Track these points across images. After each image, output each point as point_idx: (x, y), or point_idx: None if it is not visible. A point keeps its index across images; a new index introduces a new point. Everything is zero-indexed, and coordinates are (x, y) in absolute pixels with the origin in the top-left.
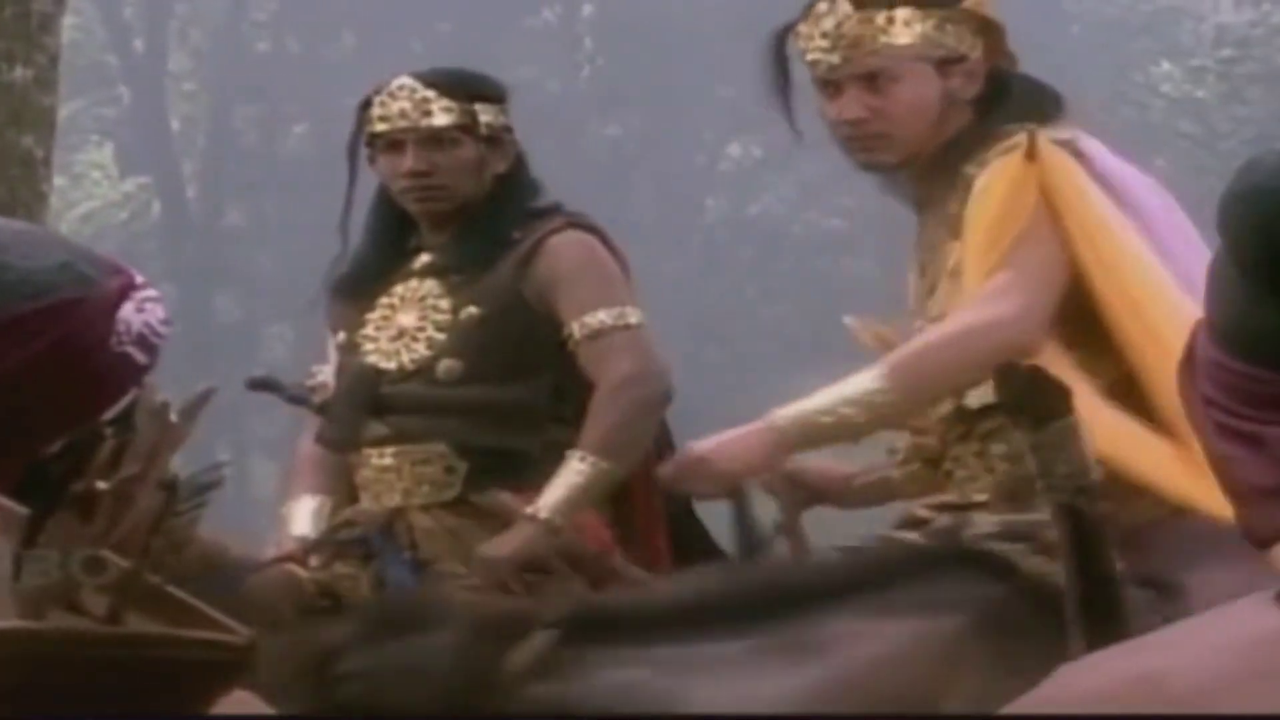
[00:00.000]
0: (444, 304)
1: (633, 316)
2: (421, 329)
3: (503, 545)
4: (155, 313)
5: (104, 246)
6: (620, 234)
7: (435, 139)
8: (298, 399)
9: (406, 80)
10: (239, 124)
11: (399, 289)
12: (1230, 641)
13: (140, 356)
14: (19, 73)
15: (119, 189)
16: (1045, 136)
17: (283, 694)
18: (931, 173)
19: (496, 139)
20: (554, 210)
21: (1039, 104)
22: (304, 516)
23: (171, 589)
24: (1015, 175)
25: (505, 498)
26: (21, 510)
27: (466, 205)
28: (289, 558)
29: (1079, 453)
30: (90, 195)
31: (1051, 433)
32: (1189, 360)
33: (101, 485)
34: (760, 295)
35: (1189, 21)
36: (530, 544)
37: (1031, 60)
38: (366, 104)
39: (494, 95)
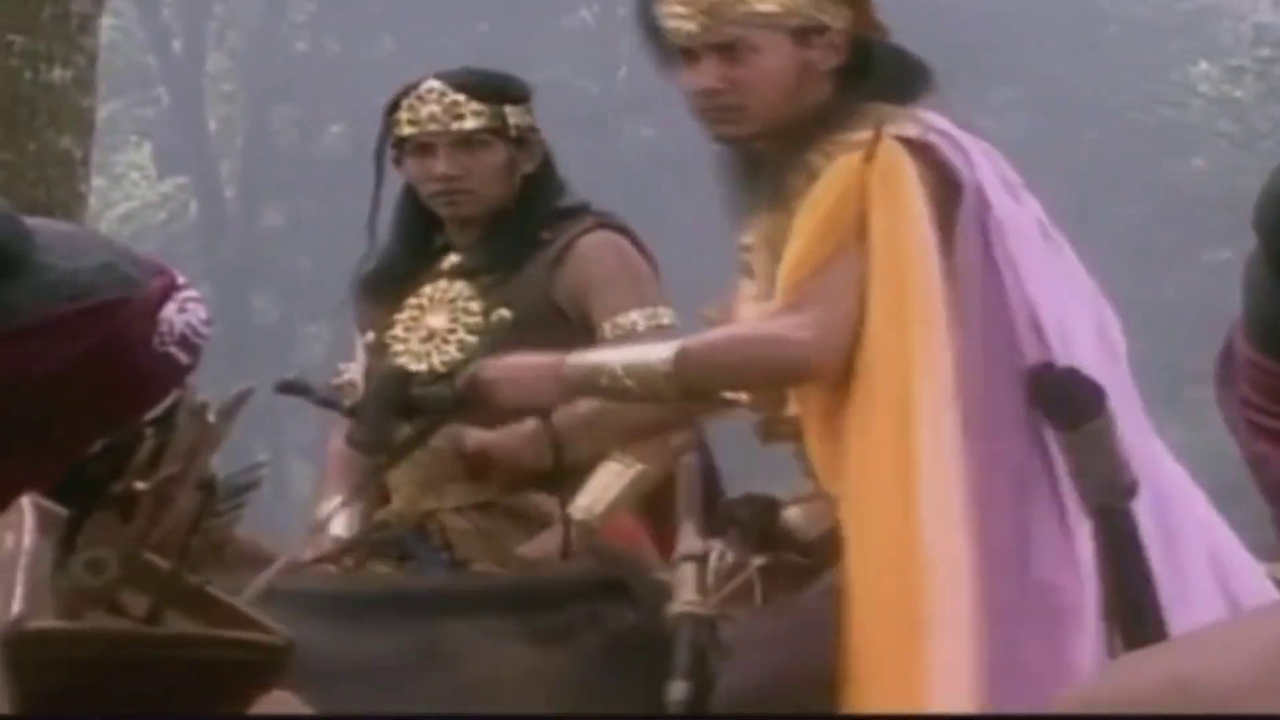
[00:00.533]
0: (475, 306)
1: (665, 317)
2: (452, 331)
3: (540, 547)
4: (197, 313)
5: (142, 247)
6: (655, 235)
7: (466, 142)
8: (327, 402)
9: (435, 83)
10: (276, 124)
11: (427, 290)
12: (1262, 645)
13: (182, 357)
14: (58, 73)
15: (157, 189)
16: (890, 133)
17: None
18: (786, 148)
19: (524, 140)
20: (582, 210)
21: (903, 79)
22: (336, 517)
23: (212, 589)
24: (850, 179)
25: (540, 499)
26: (61, 511)
27: (496, 207)
28: (325, 559)
29: (1113, 454)
30: (129, 196)
31: (1086, 434)
32: (1227, 359)
33: (141, 485)
34: None
35: (1227, 21)
36: (567, 546)
37: (1068, 60)
38: (394, 106)
39: (520, 95)
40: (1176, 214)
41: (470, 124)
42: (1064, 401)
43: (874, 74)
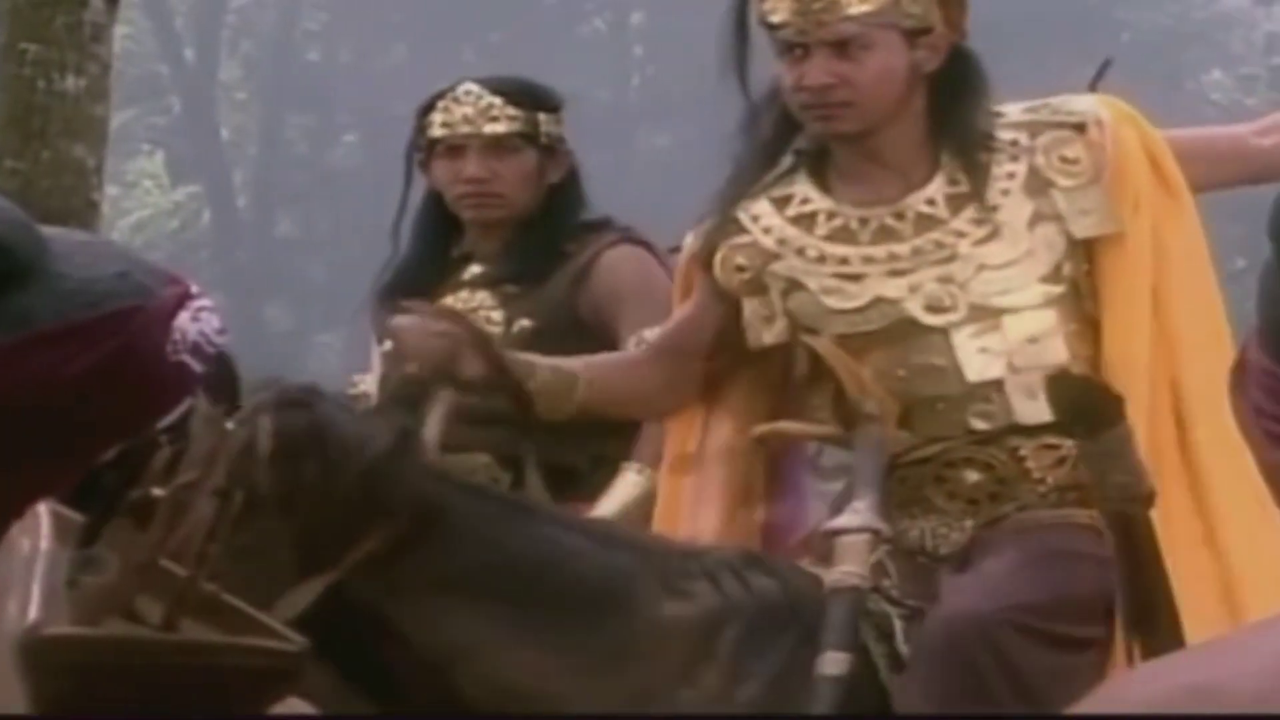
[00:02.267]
0: (496, 316)
1: None
2: None
3: None
4: (210, 322)
5: (155, 255)
6: (669, 243)
7: (497, 145)
8: None
9: (471, 86)
10: (290, 133)
11: (449, 299)
12: None
13: (195, 365)
14: (71, 82)
15: (170, 198)
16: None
17: None
18: (924, 152)
19: (554, 149)
20: (606, 224)
21: (988, 84)
22: None
23: (227, 596)
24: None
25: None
26: (77, 517)
27: (521, 215)
28: None
29: (1133, 461)
30: (142, 204)
31: (1105, 442)
32: (1241, 368)
33: (157, 492)
34: None
35: (1240, 29)
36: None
37: (1082, 68)
38: (427, 108)
39: (553, 105)
40: None
41: (503, 127)
42: (1083, 408)
43: (973, 78)
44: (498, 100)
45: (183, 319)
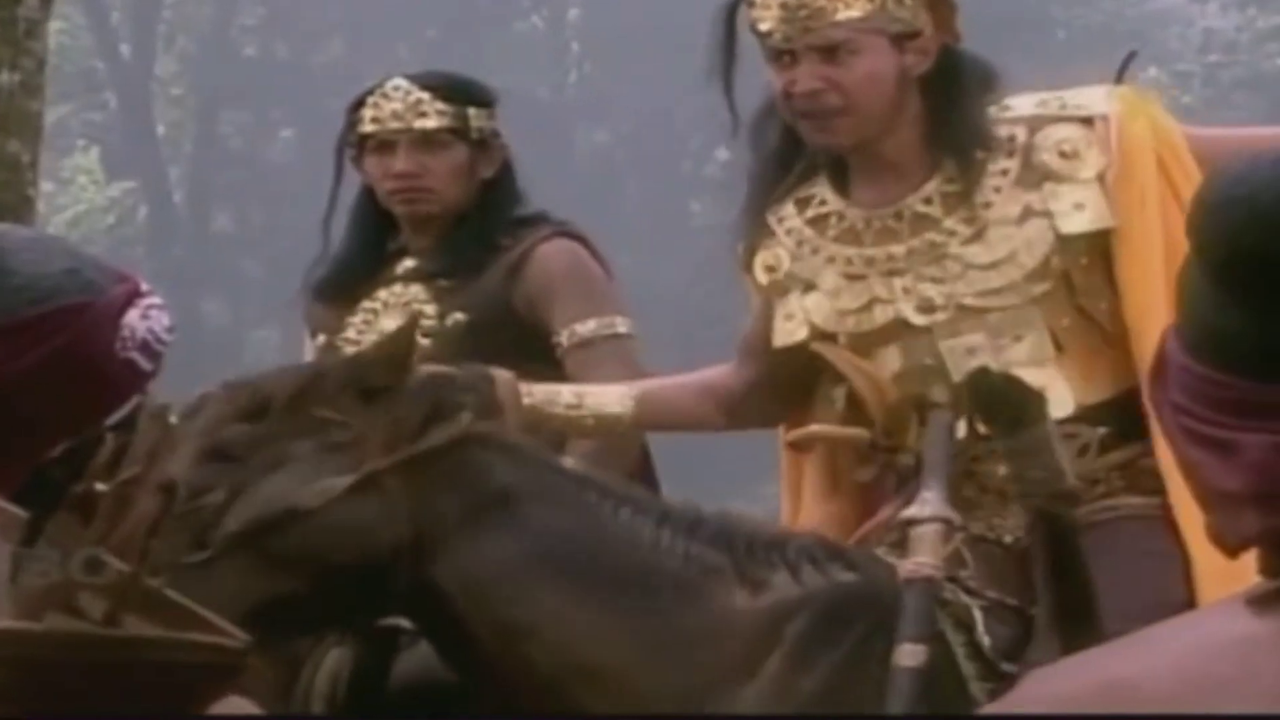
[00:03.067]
0: (430, 310)
1: (621, 326)
2: None
3: None
4: (159, 320)
5: (90, 250)
6: (607, 240)
7: (426, 141)
8: None
9: (401, 81)
10: (226, 129)
11: (382, 294)
12: (1202, 646)
13: (144, 363)
14: (5, 78)
15: (105, 193)
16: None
17: None
18: (924, 154)
19: (486, 143)
20: (541, 218)
21: (989, 82)
22: None
23: (169, 592)
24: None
25: None
26: (21, 513)
27: (453, 209)
28: None
29: (1054, 459)
30: (77, 200)
31: (1026, 439)
32: (1159, 366)
33: (101, 487)
34: (746, 302)
35: (1176, 27)
36: None
37: (1018, 66)
38: (358, 104)
39: (484, 99)
40: None
41: (432, 122)
42: (1004, 406)
43: (966, 78)
44: (426, 95)
45: (132, 316)
